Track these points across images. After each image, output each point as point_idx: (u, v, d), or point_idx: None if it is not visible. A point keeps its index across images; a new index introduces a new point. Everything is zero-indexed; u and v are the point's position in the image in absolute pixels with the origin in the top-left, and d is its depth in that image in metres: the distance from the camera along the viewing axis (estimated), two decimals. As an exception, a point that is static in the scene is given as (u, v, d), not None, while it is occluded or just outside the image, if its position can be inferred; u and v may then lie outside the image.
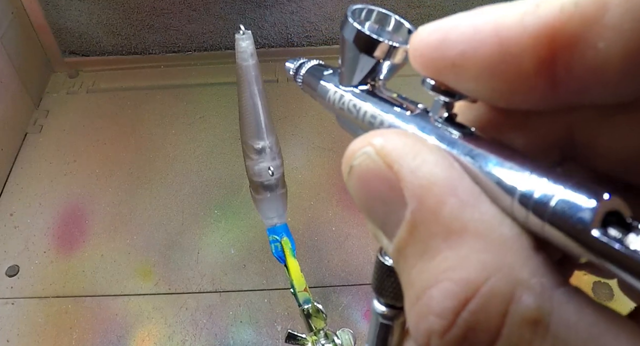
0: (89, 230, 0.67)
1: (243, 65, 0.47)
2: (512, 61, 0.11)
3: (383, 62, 0.16)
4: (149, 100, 0.82)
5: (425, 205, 0.12)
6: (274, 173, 0.51)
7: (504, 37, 0.11)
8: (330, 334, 0.49)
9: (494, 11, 0.12)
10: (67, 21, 0.83)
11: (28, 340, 0.57)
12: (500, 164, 0.12)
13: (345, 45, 0.16)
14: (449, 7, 0.83)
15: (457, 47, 0.12)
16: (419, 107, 0.15)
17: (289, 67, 0.21)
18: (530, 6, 0.11)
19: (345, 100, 0.17)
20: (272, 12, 0.82)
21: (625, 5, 0.10)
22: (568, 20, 0.10)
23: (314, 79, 0.19)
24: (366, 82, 0.17)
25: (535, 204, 0.11)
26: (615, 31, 0.10)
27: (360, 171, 0.13)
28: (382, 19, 0.17)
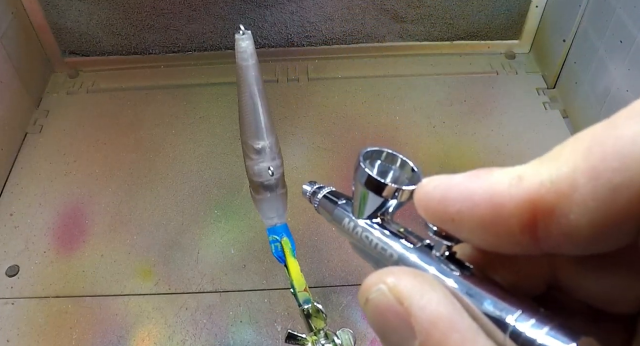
0: (89, 230, 0.67)
1: (243, 65, 0.47)
2: (501, 222, 0.14)
3: (390, 200, 0.19)
4: (149, 100, 0.82)
5: (432, 339, 0.14)
6: (274, 173, 0.51)
7: (495, 202, 0.14)
8: (330, 334, 0.49)
9: (487, 177, 0.14)
10: (67, 21, 0.83)
11: (28, 340, 0.57)
12: (494, 304, 0.14)
13: (358, 184, 0.19)
14: (449, 7, 0.83)
15: (455, 206, 0.14)
16: (423, 242, 0.17)
17: (305, 190, 0.26)
18: (515, 178, 0.14)
19: (358, 231, 0.20)
20: (272, 12, 0.82)
21: (590, 186, 0.12)
22: (545, 194, 0.13)
23: (329, 204, 0.23)
24: (376, 216, 0.19)
25: (524, 341, 0.13)
26: (582, 206, 0.12)
27: (375, 304, 0.15)
28: (390, 158, 0.20)
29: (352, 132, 0.77)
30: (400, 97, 0.82)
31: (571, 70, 0.78)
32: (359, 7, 0.83)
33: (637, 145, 0.12)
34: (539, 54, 0.87)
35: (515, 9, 0.84)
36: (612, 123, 0.13)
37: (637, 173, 0.11)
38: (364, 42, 0.87)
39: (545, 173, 0.13)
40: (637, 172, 0.11)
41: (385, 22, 0.85)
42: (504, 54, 0.89)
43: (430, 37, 0.87)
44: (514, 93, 0.82)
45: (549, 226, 0.13)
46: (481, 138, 0.76)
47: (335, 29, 0.85)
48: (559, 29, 0.80)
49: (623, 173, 0.12)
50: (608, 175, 0.12)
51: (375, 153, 0.20)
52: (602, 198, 0.12)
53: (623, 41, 0.65)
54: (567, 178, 0.12)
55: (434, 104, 0.80)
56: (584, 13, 0.74)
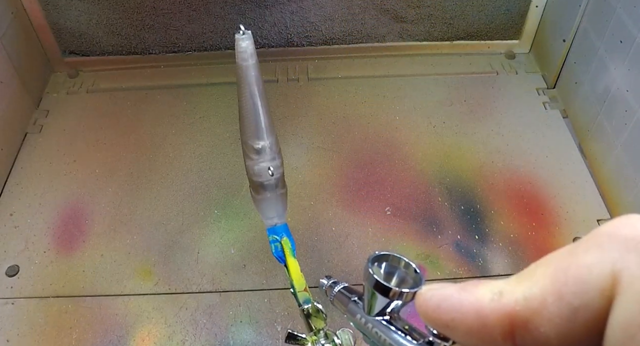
0: (89, 230, 0.67)
1: (243, 65, 0.47)
2: (486, 330, 0.16)
3: (396, 300, 0.22)
4: (149, 100, 0.82)
5: None
6: (274, 173, 0.51)
7: (480, 314, 0.16)
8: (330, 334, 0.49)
9: (474, 291, 0.17)
10: (67, 21, 0.83)
11: (28, 340, 0.57)
12: None
13: (367, 287, 0.22)
14: (449, 7, 0.83)
15: (448, 315, 0.17)
16: (425, 339, 0.20)
17: (322, 283, 0.32)
18: (497, 294, 0.16)
19: (369, 326, 0.23)
20: (272, 12, 0.82)
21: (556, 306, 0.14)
22: (520, 310, 0.15)
23: (344, 299, 0.27)
24: (385, 313, 0.22)
25: None
26: (550, 322, 0.14)
27: None
28: (396, 261, 0.23)
29: (352, 132, 0.77)
30: (400, 97, 0.82)
31: (571, 70, 0.78)
32: (359, 7, 0.83)
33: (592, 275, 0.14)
34: (539, 53, 0.87)
35: (515, 9, 0.84)
36: (574, 251, 0.15)
37: (592, 297, 0.14)
38: (364, 42, 0.87)
39: (520, 292, 0.15)
40: (593, 296, 0.14)
41: (385, 22, 0.85)
42: (504, 54, 0.89)
43: (430, 37, 0.87)
44: (514, 93, 0.82)
45: (524, 336, 0.15)
46: (481, 138, 0.76)
47: (335, 29, 0.85)
48: (559, 29, 0.80)
49: (581, 297, 0.14)
50: (569, 297, 0.14)
51: (382, 257, 0.23)
52: (565, 316, 0.14)
53: (623, 41, 0.65)
54: (537, 297, 0.15)
55: (434, 104, 0.80)
56: (584, 13, 0.74)
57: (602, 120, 0.70)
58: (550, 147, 0.74)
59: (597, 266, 0.14)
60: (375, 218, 0.66)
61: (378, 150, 0.74)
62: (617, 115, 0.67)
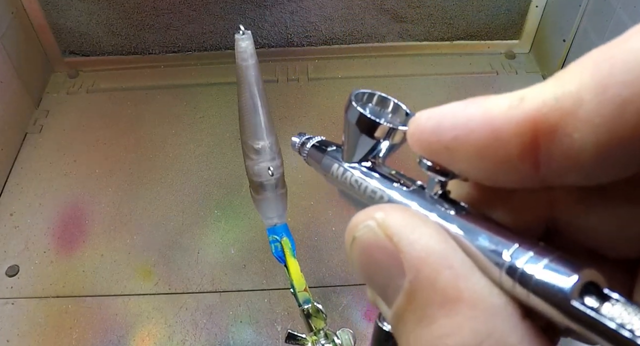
0: (89, 230, 0.67)
1: (243, 65, 0.47)
2: (499, 146, 0.13)
3: (383, 141, 0.18)
4: (149, 100, 0.82)
5: (422, 275, 0.13)
6: (274, 173, 0.51)
7: (493, 125, 0.13)
8: (330, 334, 0.49)
9: (484, 102, 0.13)
10: (67, 21, 0.83)
11: (28, 340, 0.57)
12: (489, 239, 0.13)
13: (349, 126, 0.18)
14: (449, 7, 0.83)
15: (450, 133, 0.14)
16: (416, 183, 0.17)
17: (294, 142, 0.24)
18: (516, 100, 0.13)
19: (347, 176, 0.19)
20: (272, 12, 0.82)
21: (597, 101, 0.11)
22: (548, 112, 0.12)
23: (318, 153, 0.21)
24: (367, 159, 0.18)
25: (521, 276, 0.12)
26: (588, 124, 0.11)
27: (363, 242, 0.15)
28: (382, 102, 0.19)
29: (352, 132, 0.77)
30: (401, 97, 0.81)
31: (571, 70, 0.78)
32: (359, 7, 0.83)
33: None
34: (539, 54, 0.87)
35: (515, 9, 0.84)
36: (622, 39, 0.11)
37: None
38: (364, 42, 0.87)
39: (549, 92, 0.12)
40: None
41: (385, 22, 0.85)
42: (504, 54, 0.89)
43: (430, 37, 0.87)
44: (514, 93, 0.82)
45: (551, 148, 0.12)
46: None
47: (335, 29, 0.85)
48: (559, 29, 0.80)
49: (632, 86, 0.11)
50: (616, 89, 0.11)
51: (367, 97, 0.19)
52: (609, 113, 0.11)
53: (623, 41, 0.65)
54: (572, 95, 0.12)
55: (434, 104, 0.80)
56: (584, 13, 0.74)
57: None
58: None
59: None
60: (375, 218, 0.66)
61: (378, 150, 0.74)
62: (617, 115, 0.66)
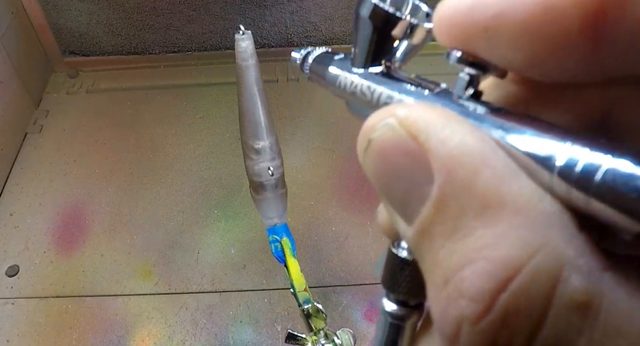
0: (89, 230, 0.67)
1: (243, 65, 0.47)
2: (554, 19, 0.10)
3: (400, 41, 0.15)
4: (149, 100, 0.82)
5: (456, 177, 0.10)
6: (274, 173, 0.51)
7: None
8: (330, 334, 0.49)
9: None
10: (67, 21, 0.82)
11: (28, 340, 0.57)
12: (536, 136, 0.11)
13: (360, 22, 0.15)
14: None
15: (492, 8, 0.11)
16: (440, 86, 0.14)
17: (295, 57, 0.20)
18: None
19: (357, 83, 0.15)
20: (272, 12, 0.82)
21: None
22: None
23: (322, 66, 0.17)
24: (381, 64, 0.15)
25: (579, 177, 0.10)
26: None
27: (381, 144, 0.12)
28: (399, 1, 0.16)
29: (352, 132, 0.77)
30: (400, 97, 0.82)
31: (571, 70, 0.78)
32: (359, 7, 0.83)
33: None
34: (539, 54, 0.86)
35: (515, 9, 0.84)
36: None
37: None
38: (364, 42, 0.87)
39: None
40: None
41: (385, 22, 0.85)
42: (504, 54, 0.89)
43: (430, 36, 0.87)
44: (514, 93, 0.82)
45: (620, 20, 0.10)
46: (481, 138, 0.76)
47: (335, 29, 0.85)
48: (559, 29, 0.80)
49: None
50: None
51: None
52: None
53: (623, 41, 0.65)
54: None
55: (434, 104, 0.80)
56: (584, 13, 0.74)
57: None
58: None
59: None
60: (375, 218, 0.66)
61: (378, 150, 0.74)
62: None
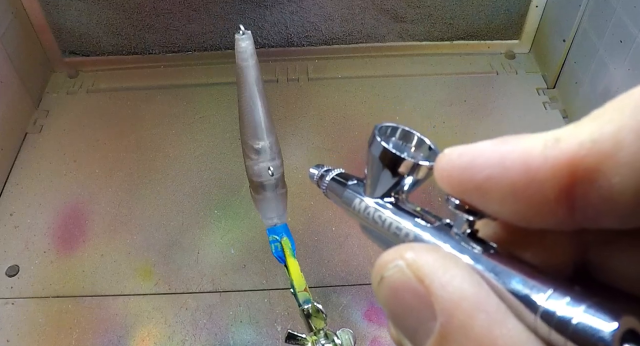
0: (89, 230, 0.67)
1: (243, 65, 0.47)
2: (535, 187, 0.12)
3: (407, 177, 0.18)
4: (149, 100, 0.82)
5: (455, 319, 0.12)
6: (274, 173, 0.51)
7: (529, 165, 0.12)
8: (330, 334, 0.49)
9: (519, 141, 0.13)
10: (67, 21, 0.83)
11: (28, 340, 0.57)
12: (523, 282, 0.13)
13: (372, 160, 0.18)
14: (449, 7, 0.83)
15: (484, 171, 0.13)
16: (442, 221, 0.16)
17: (312, 173, 0.23)
18: (551, 140, 0.12)
19: (370, 211, 0.18)
20: (272, 12, 0.82)
21: (638, 144, 0.11)
22: (586, 155, 0.11)
23: (339, 187, 0.20)
24: (390, 194, 0.18)
25: (558, 322, 0.12)
26: (629, 167, 0.11)
27: (392, 282, 0.14)
28: (406, 136, 0.18)
29: (352, 132, 0.77)
30: (400, 97, 0.82)
31: (571, 70, 0.78)
32: (359, 7, 0.83)
33: None
34: (539, 54, 0.86)
35: (515, 9, 0.84)
36: None
37: None
38: (364, 42, 0.87)
39: (586, 132, 0.12)
40: None
41: (385, 22, 0.85)
42: (504, 54, 0.89)
43: (430, 37, 0.87)
44: (514, 93, 0.82)
45: (588, 192, 0.12)
46: (481, 138, 0.75)
47: (335, 29, 0.85)
48: (559, 29, 0.80)
49: None
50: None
51: (391, 130, 0.18)
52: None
53: (623, 41, 0.65)
54: (611, 137, 0.11)
55: (434, 104, 0.80)
56: (584, 13, 0.74)
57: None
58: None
59: None
60: (375, 218, 0.66)
61: (378, 150, 0.74)
62: (617, 115, 0.66)
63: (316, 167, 0.23)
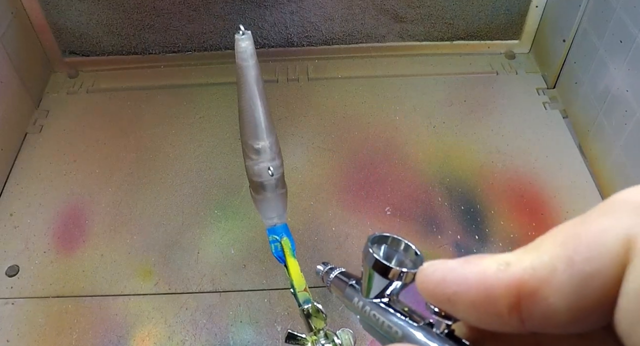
0: (89, 230, 0.67)
1: (243, 65, 0.47)
2: (491, 303, 0.15)
3: (395, 281, 0.21)
4: (149, 100, 0.82)
5: None
6: (274, 173, 0.51)
7: (485, 285, 0.15)
8: (330, 334, 0.49)
9: (478, 263, 0.16)
10: (67, 21, 0.83)
11: (28, 340, 0.57)
12: None
13: (366, 267, 0.21)
14: (449, 7, 0.83)
15: (451, 288, 0.16)
16: (425, 320, 0.19)
17: (319, 270, 0.30)
18: (502, 264, 0.15)
19: (367, 309, 0.22)
20: (272, 12, 0.82)
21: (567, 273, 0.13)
22: (528, 279, 0.14)
23: (341, 284, 0.25)
24: (383, 295, 0.22)
25: None
26: (560, 291, 0.14)
27: None
28: (395, 243, 0.22)
29: (352, 132, 0.77)
30: (400, 97, 0.82)
31: (571, 70, 0.78)
32: (359, 7, 0.83)
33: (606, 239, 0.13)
34: (539, 54, 0.86)
35: (515, 9, 0.84)
36: (586, 219, 0.14)
37: (605, 263, 0.13)
38: (364, 42, 0.87)
39: (528, 260, 0.15)
40: (605, 262, 0.13)
41: (385, 22, 0.85)
42: (504, 54, 0.89)
43: (430, 37, 0.87)
44: (514, 93, 0.82)
45: (531, 308, 0.14)
46: (481, 138, 0.76)
47: (335, 29, 0.85)
48: (559, 29, 0.80)
49: (594, 262, 0.13)
50: (581, 264, 0.13)
51: (382, 239, 0.22)
52: (577, 284, 0.13)
53: (623, 41, 0.65)
54: (546, 266, 0.14)
55: (434, 104, 0.80)
56: (584, 13, 0.74)
57: (602, 120, 0.70)
58: (550, 147, 0.74)
59: (611, 231, 0.13)
60: (375, 218, 0.66)
61: (378, 150, 0.74)
62: (617, 115, 0.67)
63: (323, 264, 0.30)
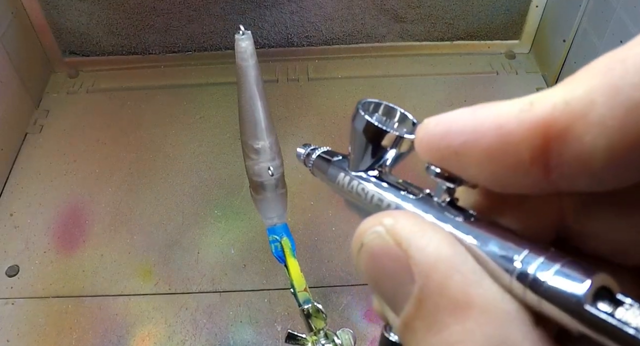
0: (89, 230, 0.67)
1: (243, 65, 0.47)
2: (510, 150, 0.13)
3: (390, 150, 0.18)
4: (149, 100, 0.82)
5: (432, 280, 0.13)
6: (274, 173, 0.51)
7: (504, 129, 0.13)
8: (330, 334, 0.49)
9: (493, 106, 0.13)
10: (67, 21, 0.82)
11: (28, 340, 0.57)
12: (499, 245, 0.13)
13: (355, 134, 0.18)
14: (449, 7, 0.83)
15: (460, 137, 0.13)
16: (423, 191, 0.16)
17: (299, 153, 0.24)
18: (526, 104, 0.13)
19: (353, 185, 0.18)
20: (272, 12, 0.82)
21: (609, 104, 0.11)
22: (559, 116, 0.12)
23: (324, 163, 0.21)
24: (373, 168, 0.18)
25: (532, 282, 0.12)
26: (600, 126, 0.11)
27: (371, 248, 0.15)
28: (389, 112, 0.19)
29: (352, 132, 0.77)
30: (400, 97, 0.82)
31: (571, 70, 0.78)
32: (359, 7, 0.83)
33: None
34: (539, 54, 0.86)
35: (515, 9, 0.84)
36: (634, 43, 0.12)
37: None
38: (364, 42, 0.87)
39: (559, 95, 0.12)
40: None
41: (385, 22, 0.85)
42: (504, 54, 0.89)
43: (430, 37, 0.87)
44: (514, 93, 0.82)
45: (562, 152, 0.12)
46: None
47: (335, 29, 0.85)
48: (559, 29, 0.80)
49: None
50: (629, 91, 0.11)
51: (374, 106, 0.19)
52: (621, 116, 0.11)
53: (623, 41, 0.65)
54: (583, 98, 0.11)
55: (434, 104, 0.80)
56: (584, 13, 0.74)
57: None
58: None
59: None
60: (375, 218, 0.66)
61: (378, 150, 0.74)
62: (617, 115, 0.67)
63: (303, 146, 0.24)
